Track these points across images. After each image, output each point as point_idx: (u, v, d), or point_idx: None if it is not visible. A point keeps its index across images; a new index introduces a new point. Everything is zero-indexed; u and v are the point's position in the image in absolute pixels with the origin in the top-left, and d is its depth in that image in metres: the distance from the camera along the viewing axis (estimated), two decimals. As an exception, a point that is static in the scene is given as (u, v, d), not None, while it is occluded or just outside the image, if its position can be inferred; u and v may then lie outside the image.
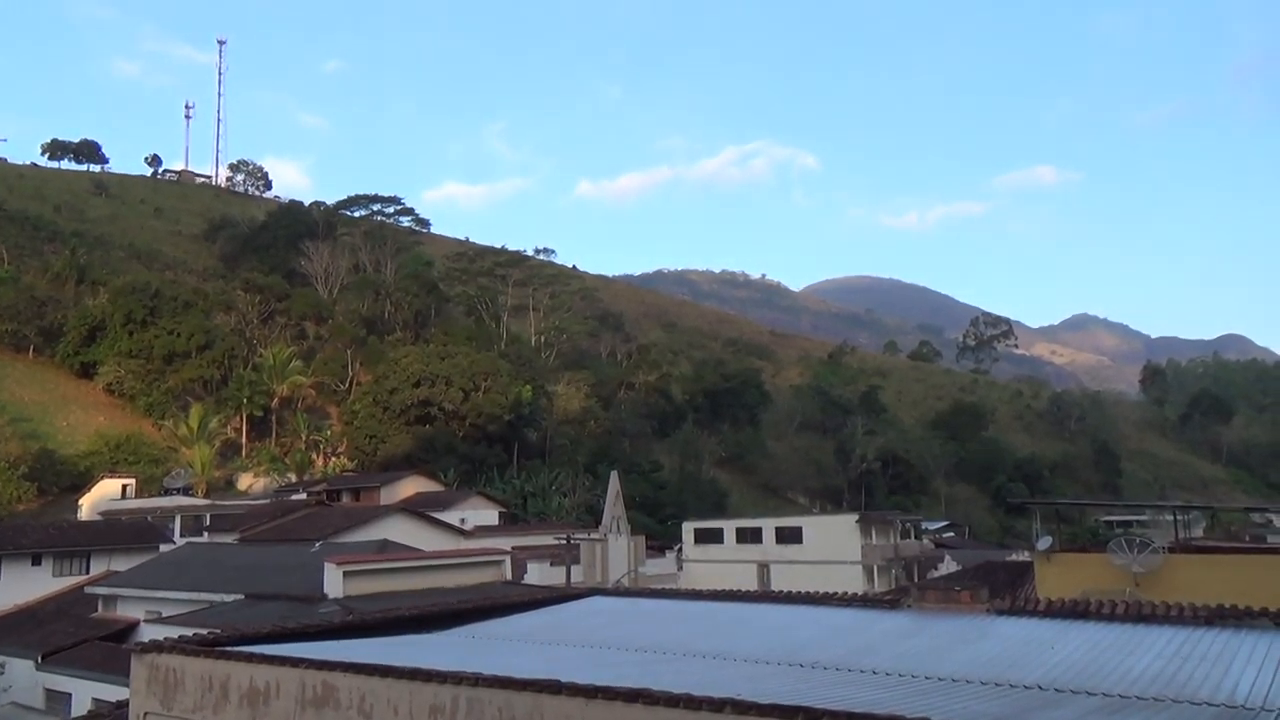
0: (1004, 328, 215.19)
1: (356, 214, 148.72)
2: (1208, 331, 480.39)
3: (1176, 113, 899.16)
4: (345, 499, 64.31)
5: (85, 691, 24.61)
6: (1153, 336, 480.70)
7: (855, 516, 57.16)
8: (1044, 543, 31.15)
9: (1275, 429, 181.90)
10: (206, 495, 65.81)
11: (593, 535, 40.48)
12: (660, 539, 63.55)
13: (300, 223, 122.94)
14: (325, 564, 22.87)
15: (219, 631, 13.96)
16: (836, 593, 16.24)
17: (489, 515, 62.83)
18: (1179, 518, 42.82)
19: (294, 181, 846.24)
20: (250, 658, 11.11)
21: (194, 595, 27.77)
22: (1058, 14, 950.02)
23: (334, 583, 21.83)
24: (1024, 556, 40.82)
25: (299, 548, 34.15)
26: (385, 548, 31.31)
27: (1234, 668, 9.77)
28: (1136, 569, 27.31)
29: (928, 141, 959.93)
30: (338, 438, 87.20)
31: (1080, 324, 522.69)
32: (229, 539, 44.12)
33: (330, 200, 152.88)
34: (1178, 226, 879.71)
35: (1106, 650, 10.80)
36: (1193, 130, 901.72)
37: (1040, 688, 9.15)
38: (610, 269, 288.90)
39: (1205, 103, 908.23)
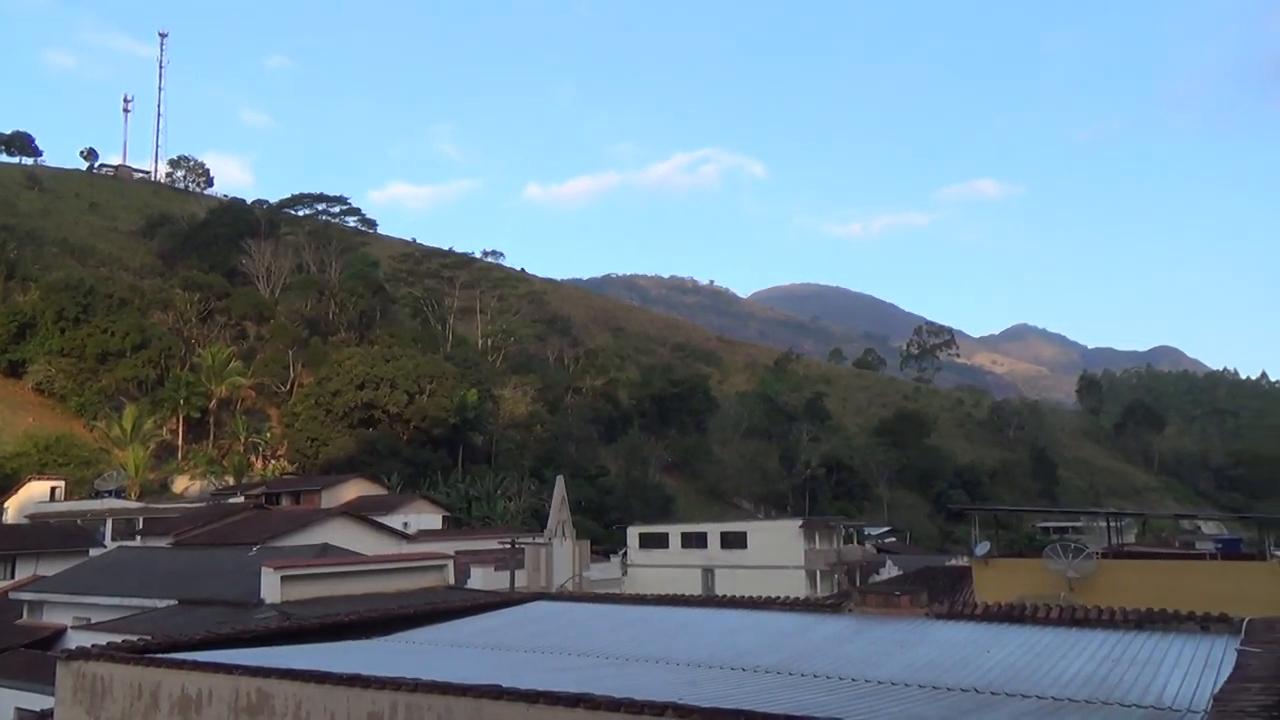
0: (946, 337, 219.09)
1: (300, 213, 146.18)
2: (1142, 343, 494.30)
3: (1114, 131, 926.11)
4: (285, 502, 63.14)
5: (8, 701, 23.80)
6: (1089, 347, 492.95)
7: (799, 522, 57.65)
8: (982, 548, 31.77)
9: (1205, 439, 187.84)
10: (140, 498, 64.18)
11: (537, 540, 40.21)
12: (606, 544, 63.50)
13: (242, 221, 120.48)
14: (262, 568, 22.42)
15: (150, 638, 13.61)
16: (779, 597, 16.33)
17: (432, 519, 62.16)
18: (1112, 524, 43.93)
19: (236, 178, 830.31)
20: (182, 664, 10.84)
21: (125, 601, 27.04)
22: (1003, 32, 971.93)
23: (271, 587, 21.40)
24: (963, 562, 41.53)
25: (236, 552, 33.44)
26: (325, 552, 30.83)
27: (1163, 670, 10.02)
28: (1071, 574, 27.97)
29: (874, 153, 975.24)
30: (277, 440, 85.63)
31: (1020, 334, 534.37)
32: (163, 543, 43.02)
33: (273, 198, 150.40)
34: (1114, 241, 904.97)
35: (1041, 654, 11.01)
36: (1129, 149, 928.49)
37: (976, 690, 9.29)
38: (559, 273, 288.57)
39: (1142, 122, 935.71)
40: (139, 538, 46.38)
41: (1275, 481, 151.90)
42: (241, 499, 60.39)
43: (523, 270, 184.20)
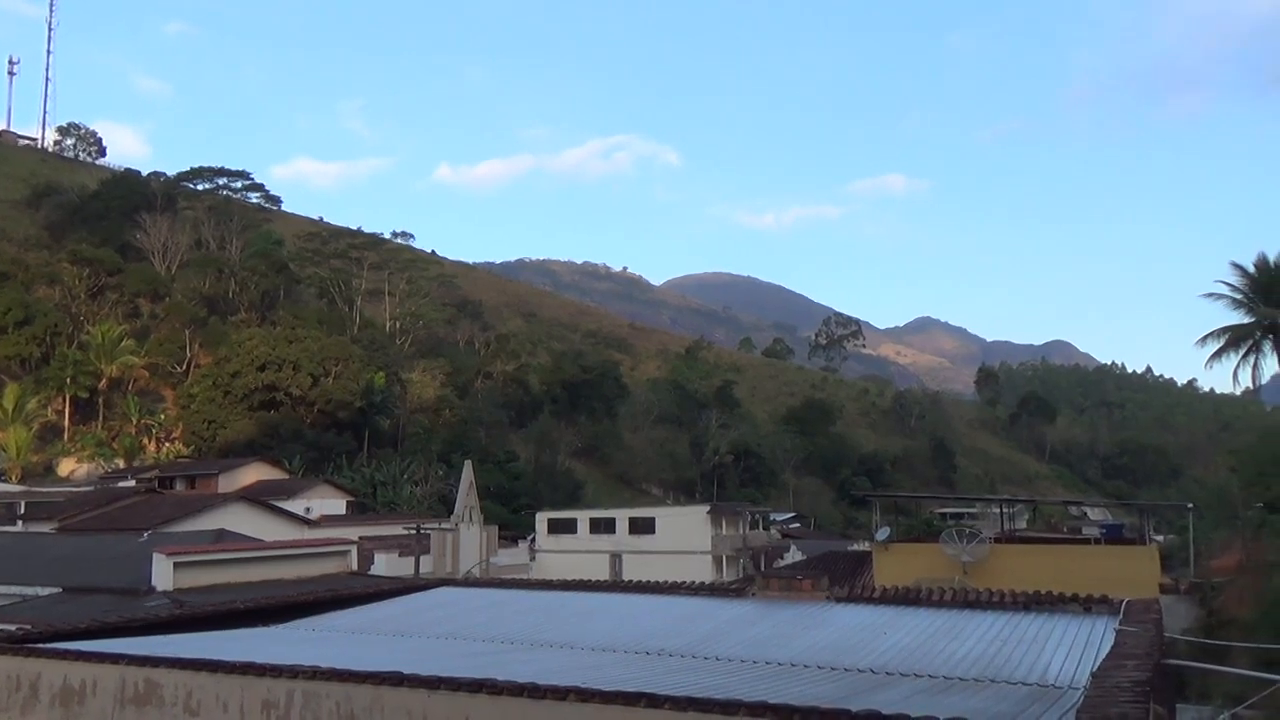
0: (853, 328, 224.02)
1: (200, 187, 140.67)
2: (1037, 337, 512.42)
3: (1016, 131, 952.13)
4: (179, 487, 61.07)
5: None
6: (988, 340, 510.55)
7: (707, 508, 58.35)
8: (882, 534, 32.74)
9: (1093, 429, 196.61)
10: (21, 481, 61.21)
11: (444, 525, 39.81)
12: (514, 529, 63.19)
13: (137, 193, 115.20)
14: (154, 554, 21.60)
15: (30, 627, 13.04)
16: (685, 582, 16.51)
17: (336, 504, 60.94)
18: (1005, 510, 45.71)
19: (131, 149, 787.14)
20: (64, 654, 10.41)
21: (4, 589, 25.77)
22: (911, 30, 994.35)
23: (163, 574, 20.64)
24: (864, 546, 42.73)
25: (126, 538, 32.18)
26: (222, 537, 29.92)
27: (1047, 649, 10.47)
28: (965, 558, 29.06)
29: (786, 145, 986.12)
30: (172, 422, 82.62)
31: (923, 326, 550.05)
32: (46, 528, 41.19)
33: (171, 171, 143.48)
34: (1013, 238, 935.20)
35: (935, 635, 11.38)
36: (1028, 149, 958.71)
37: (873, 671, 9.56)
38: (471, 256, 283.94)
39: (1040, 124, 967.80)
40: (20, 523, 44.28)
41: (1157, 470, 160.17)
42: (133, 483, 58.12)
43: (433, 253, 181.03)
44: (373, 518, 59.56)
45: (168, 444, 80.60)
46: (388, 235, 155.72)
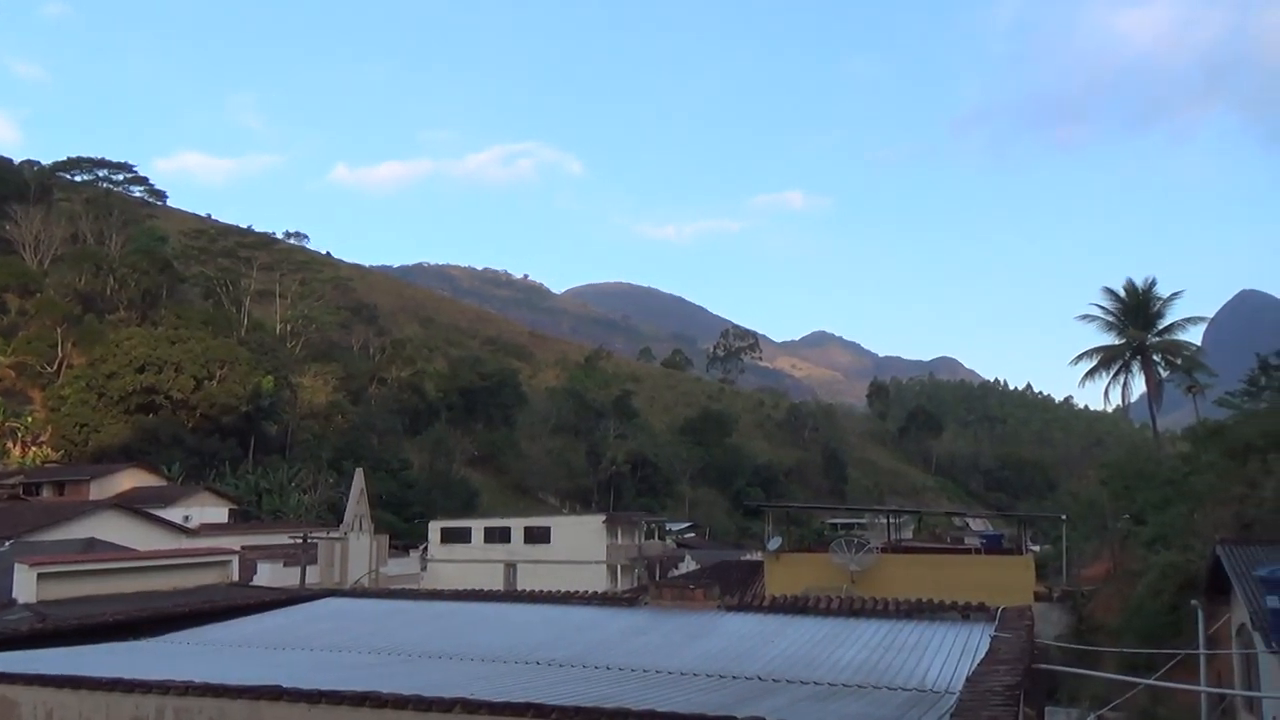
0: (751, 340, 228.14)
1: (78, 178, 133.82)
2: (926, 354, 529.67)
3: (909, 153, 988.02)
4: (47, 493, 57.93)
5: None
6: (880, 355, 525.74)
7: (602, 517, 58.49)
8: (774, 543, 33.31)
9: (976, 443, 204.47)
10: None
11: (332, 534, 38.77)
12: (407, 539, 62.09)
13: (8, 182, 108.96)
14: (15, 564, 20.37)
15: None
16: (579, 592, 16.46)
17: (218, 513, 58.75)
18: (892, 521, 47.05)
19: (2, 135, 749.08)
20: (-92, 672, 9.70)
21: None
22: (812, 54, 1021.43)
23: (25, 586, 19.43)
24: (758, 556, 43.41)
25: (-14, 547, 30.25)
26: (92, 547, 28.43)
27: (927, 656, 10.81)
28: (854, 567, 29.82)
29: (689, 158, 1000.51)
30: (40, 425, 78.22)
31: (819, 341, 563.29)
32: (-103, 537, 38.42)
33: (47, 160, 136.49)
34: (905, 256, 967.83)
35: (821, 642, 11.62)
36: (922, 171, 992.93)
37: (760, 678, 9.69)
38: (367, 259, 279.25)
39: (933, 148, 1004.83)
40: None
41: (1035, 483, 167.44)
42: (-5, 489, 54.91)
43: (328, 254, 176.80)
44: (257, 526, 57.62)
45: (35, 448, 76.20)
46: (280, 235, 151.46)
